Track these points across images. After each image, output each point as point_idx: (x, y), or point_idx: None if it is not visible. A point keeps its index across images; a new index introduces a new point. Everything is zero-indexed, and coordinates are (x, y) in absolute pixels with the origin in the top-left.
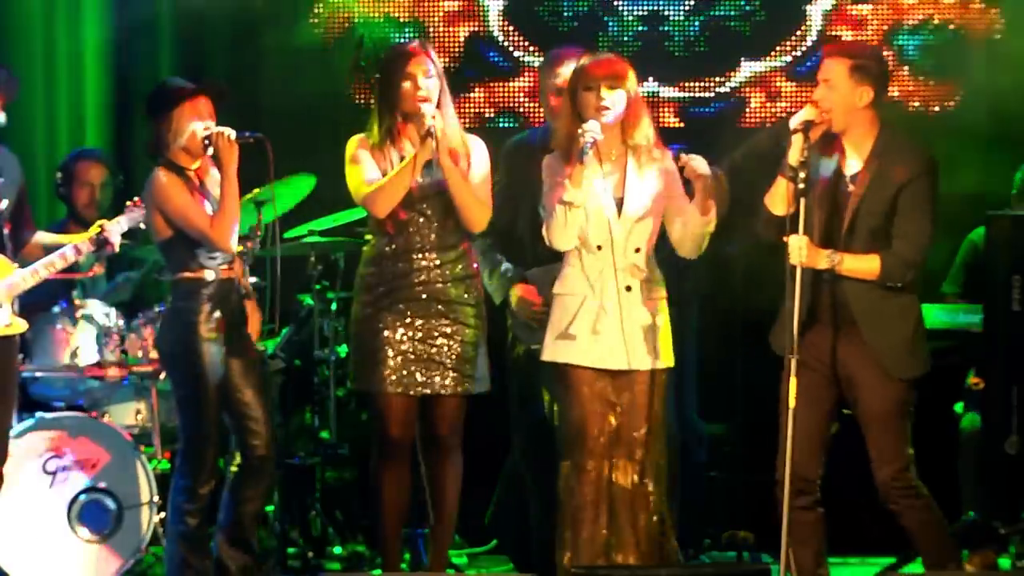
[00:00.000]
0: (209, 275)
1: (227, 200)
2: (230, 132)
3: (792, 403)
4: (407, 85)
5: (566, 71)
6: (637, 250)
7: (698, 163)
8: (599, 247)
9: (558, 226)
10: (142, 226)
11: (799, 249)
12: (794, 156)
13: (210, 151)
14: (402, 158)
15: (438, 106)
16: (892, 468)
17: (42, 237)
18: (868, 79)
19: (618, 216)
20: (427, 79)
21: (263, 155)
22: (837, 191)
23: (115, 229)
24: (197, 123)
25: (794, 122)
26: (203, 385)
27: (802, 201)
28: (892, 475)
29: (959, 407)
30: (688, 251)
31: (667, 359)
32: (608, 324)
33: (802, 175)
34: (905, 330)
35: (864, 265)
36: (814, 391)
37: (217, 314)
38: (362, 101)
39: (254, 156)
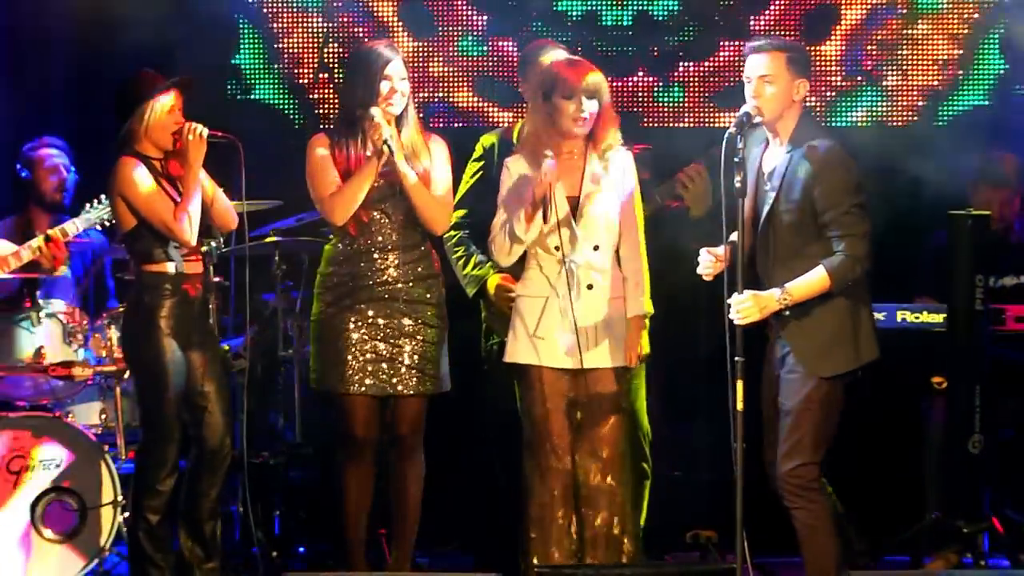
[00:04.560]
0: (172, 268)
1: (189, 194)
2: (202, 129)
3: (740, 405)
4: (384, 87)
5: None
6: (596, 248)
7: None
8: (556, 247)
9: (501, 251)
10: (103, 224)
11: (743, 308)
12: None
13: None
14: (366, 156)
15: (404, 109)
16: (793, 463)
17: None
18: (804, 71)
19: (574, 216)
20: (401, 83)
21: (234, 157)
22: (758, 183)
23: (70, 230)
24: (167, 116)
25: (733, 127)
26: (164, 380)
27: (741, 202)
28: (790, 469)
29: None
30: None
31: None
32: (571, 323)
33: (738, 177)
34: (824, 331)
35: (814, 284)
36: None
37: (179, 308)
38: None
39: (223, 158)
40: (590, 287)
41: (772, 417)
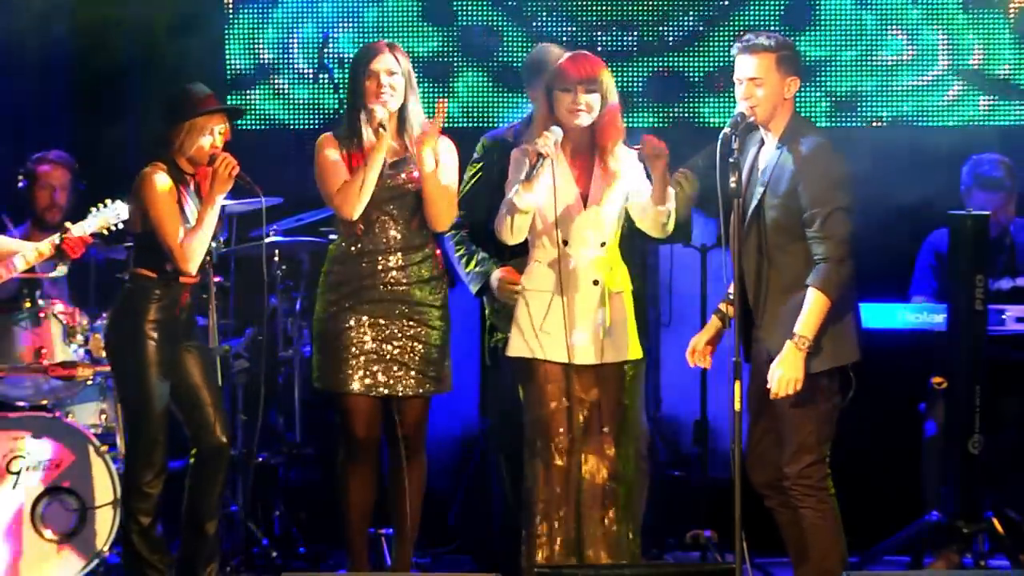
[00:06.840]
0: (165, 275)
1: (202, 225)
2: (234, 166)
3: (738, 406)
4: (370, 83)
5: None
6: (603, 244)
7: (658, 145)
8: (565, 242)
9: (505, 228)
10: (111, 228)
11: (783, 381)
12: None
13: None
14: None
15: (404, 104)
16: (800, 464)
17: (4, 241)
18: (793, 69)
19: (584, 212)
20: (390, 77)
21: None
22: (750, 180)
23: (76, 231)
24: (207, 138)
25: (728, 127)
26: (147, 384)
27: (736, 203)
28: (800, 470)
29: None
30: (651, 231)
31: (635, 351)
32: (575, 319)
33: (733, 178)
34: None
35: (815, 309)
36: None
37: (165, 313)
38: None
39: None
40: (596, 283)
41: (755, 412)
